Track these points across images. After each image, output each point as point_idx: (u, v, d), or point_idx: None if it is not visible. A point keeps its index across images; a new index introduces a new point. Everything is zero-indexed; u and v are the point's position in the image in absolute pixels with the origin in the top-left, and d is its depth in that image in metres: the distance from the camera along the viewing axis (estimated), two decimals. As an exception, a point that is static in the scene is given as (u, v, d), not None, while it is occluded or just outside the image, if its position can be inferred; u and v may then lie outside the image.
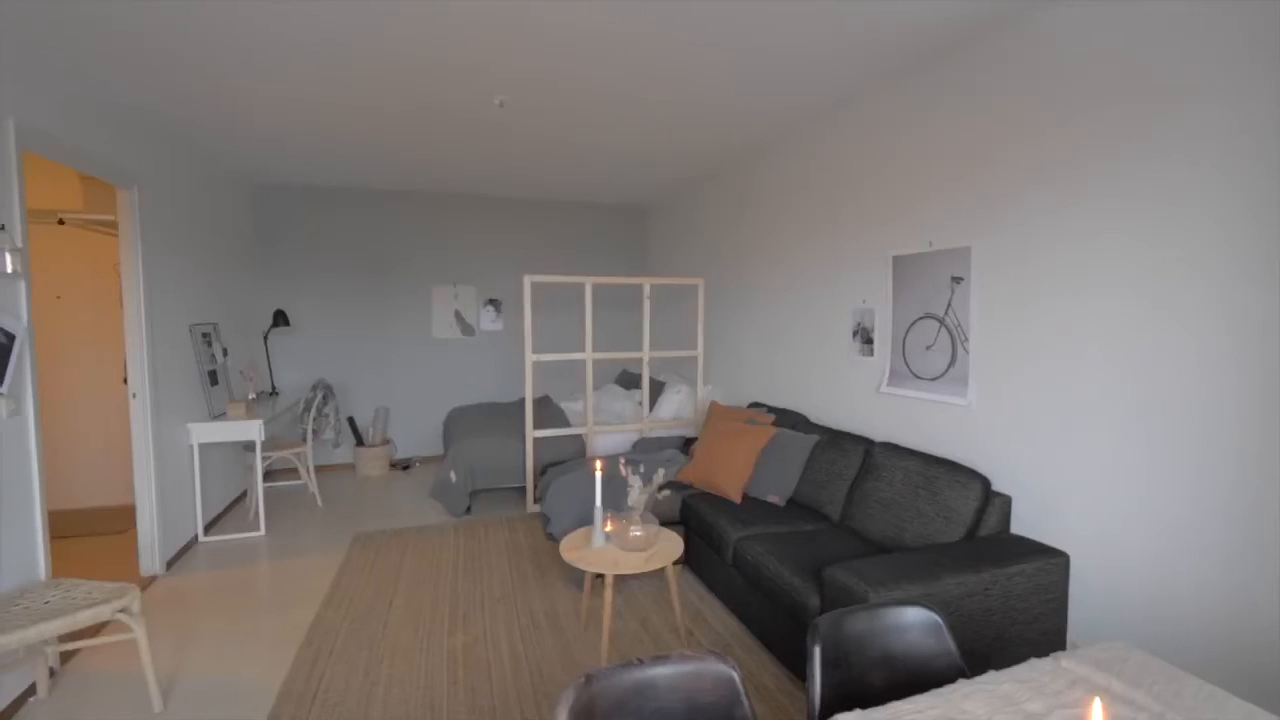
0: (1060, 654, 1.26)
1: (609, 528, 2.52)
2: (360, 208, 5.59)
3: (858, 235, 3.27)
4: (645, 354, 4.54)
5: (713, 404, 4.07)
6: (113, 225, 3.44)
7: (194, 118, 3.44)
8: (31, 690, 2.28)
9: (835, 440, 3.11)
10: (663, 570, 3.07)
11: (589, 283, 4.38)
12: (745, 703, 1.06)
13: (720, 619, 2.84)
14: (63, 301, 4.19)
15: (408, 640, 2.66)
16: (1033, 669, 1.20)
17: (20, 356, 2.25)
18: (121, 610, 2.11)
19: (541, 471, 4.03)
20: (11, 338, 2.20)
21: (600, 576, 2.95)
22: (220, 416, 3.97)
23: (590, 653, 2.55)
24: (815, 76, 2.92)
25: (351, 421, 5.47)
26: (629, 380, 6.07)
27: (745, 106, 3.33)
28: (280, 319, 5.01)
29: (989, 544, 2.22)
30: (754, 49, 2.62)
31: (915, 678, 1.25)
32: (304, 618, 2.87)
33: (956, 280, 2.67)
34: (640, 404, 5.21)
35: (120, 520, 4.02)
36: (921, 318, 2.87)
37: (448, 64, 2.76)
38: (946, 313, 2.72)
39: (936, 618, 1.27)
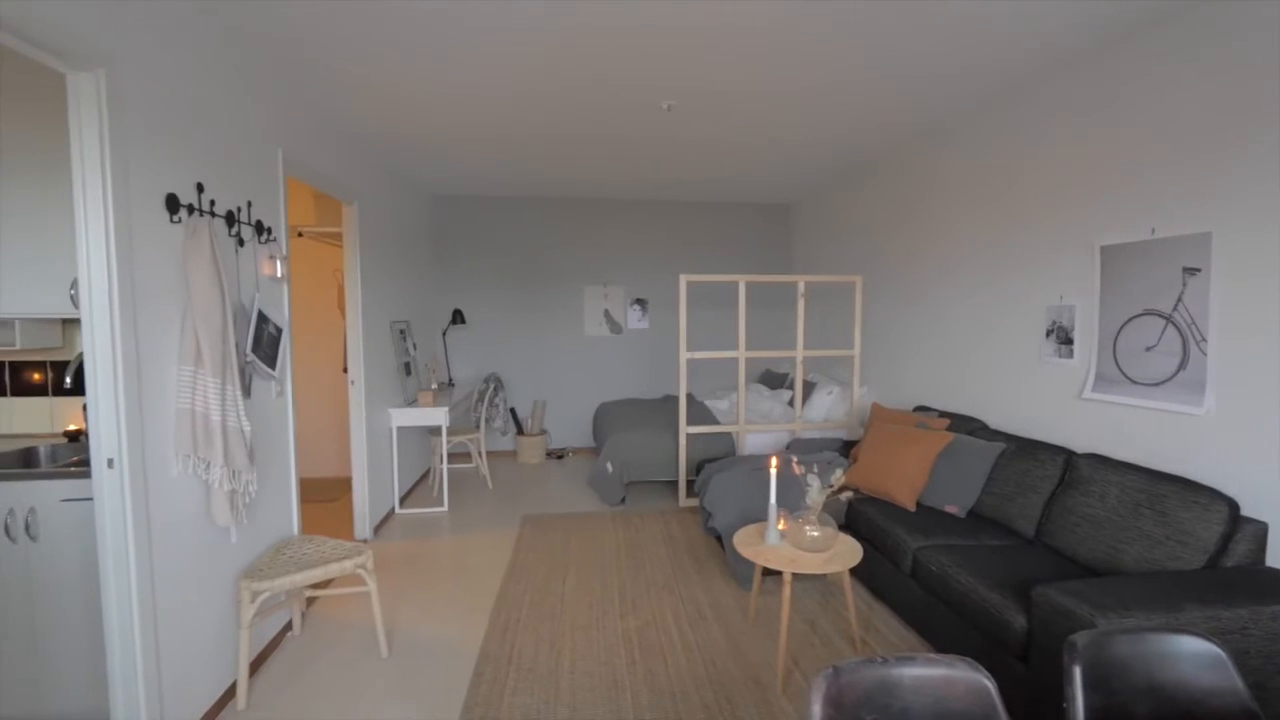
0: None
1: (782, 526, 2.51)
2: (522, 214, 6.02)
3: (1053, 225, 2.96)
4: (799, 353, 4.45)
5: (874, 406, 3.89)
6: (337, 236, 4.00)
7: (395, 141, 3.92)
8: (289, 627, 2.74)
9: (1026, 449, 2.85)
10: (830, 574, 3.02)
11: (742, 281, 4.38)
12: (1004, 717, 1.01)
13: (893, 628, 2.73)
14: (295, 300, 4.96)
15: (584, 618, 2.84)
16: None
17: (285, 347, 2.70)
18: (360, 566, 2.46)
19: (697, 468, 4.10)
20: (280, 330, 2.65)
21: (771, 574, 2.96)
22: (412, 404, 4.48)
23: (761, 648, 2.56)
24: (1004, 48, 2.70)
25: (513, 412, 5.92)
26: (772, 380, 5.98)
27: (914, 91, 3.15)
28: (458, 317, 5.55)
29: (1242, 576, 1.92)
30: (933, 26, 2.47)
31: (1187, 714, 1.12)
32: (490, 587, 3.16)
33: (1190, 271, 2.33)
34: (789, 404, 5.12)
35: (331, 490, 4.67)
36: (1139, 315, 2.54)
37: (621, 73, 2.90)
38: (1175, 308, 2.39)
39: (1219, 650, 1.13)
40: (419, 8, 2.28)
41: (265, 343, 2.50)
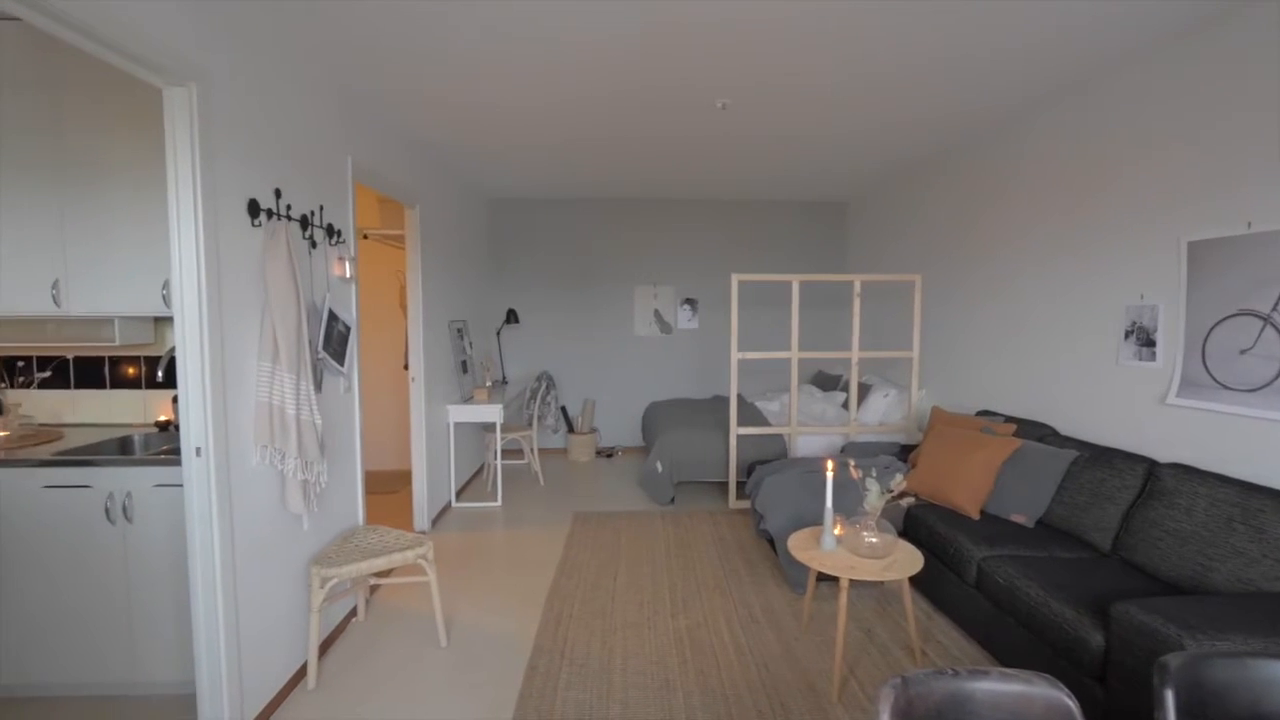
0: None
1: (838, 531, 2.45)
2: (574, 216, 6.09)
3: (1134, 219, 2.79)
4: (854, 354, 4.34)
5: (935, 409, 3.76)
6: (399, 238, 4.15)
7: (453, 145, 4.04)
8: (354, 612, 2.86)
9: (1101, 457, 2.70)
10: (887, 582, 2.94)
11: (796, 281, 4.31)
12: (1086, 736, 0.96)
13: (954, 640, 2.63)
14: (360, 299, 5.17)
15: (635, 616, 2.85)
16: None
17: (352, 345, 2.82)
18: (421, 557, 2.54)
19: (748, 470, 4.06)
20: (348, 328, 2.77)
21: (826, 579, 2.90)
22: (468, 400, 4.60)
23: (815, 655, 2.51)
24: (1083, 39, 2.56)
25: (564, 410, 6.00)
26: (825, 382, 5.86)
27: (983, 83, 3.02)
28: (512, 316, 5.67)
29: (1353, 600, 1.76)
30: (1009, 9, 2.37)
31: (1295, 748, 1.04)
32: (542, 582, 3.22)
33: (1293, 269, 2.15)
34: (843, 406, 5.00)
35: (392, 483, 4.85)
36: (1233, 315, 2.36)
37: (676, 73, 2.89)
38: (1275, 308, 2.21)
39: (1333, 680, 1.04)
40: (482, 23, 2.34)
41: (335, 340, 2.62)
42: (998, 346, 3.81)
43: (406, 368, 3.98)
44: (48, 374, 2.69)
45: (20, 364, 2.68)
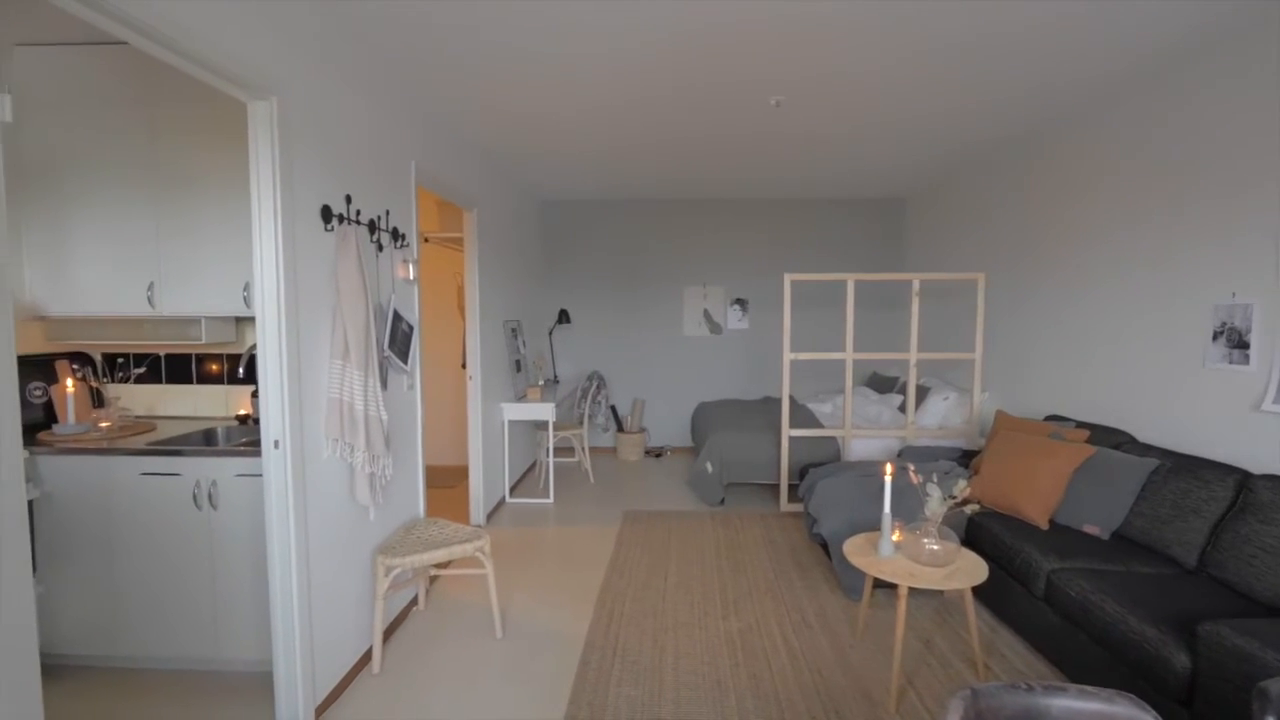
0: None
1: (897, 537, 2.39)
2: (624, 217, 6.14)
3: (1223, 211, 2.60)
4: (913, 355, 4.21)
5: (999, 414, 3.61)
6: (457, 241, 4.28)
7: (507, 150, 4.15)
8: (414, 602, 2.97)
9: (1186, 467, 2.53)
10: (946, 592, 2.84)
11: (851, 279, 4.21)
12: (1175, 761, 0.91)
13: (1020, 655, 2.52)
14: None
15: (686, 616, 2.85)
16: None
17: (415, 344, 2.92)
18: (479, 550, 2.62)
19: (800, 472, 3.99)
20: (411, 328, 2.87)
21: (881, 586, 2.83)
22: (521, 399, 4.70)
23: (873, 664, 2.45)
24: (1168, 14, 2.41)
25: (613, 409, 6.05)
26: (880, 383, 5.70)
27: (1053, 65, 2.88)
28: (563, 316, 5.76)
29: None
30: (1095, 2, 2.25)
31: None
32: (594, 579, 3.26)
33: None
34: (900, 409, 4.86)
35: (448, 477, 5.00)
36: (1341, 317, 2.18)
37: (730, 71, 2.88)
38: (1392, 310, 2.02)
39: None
40: (542, 27, 2.39)
41: (399, 339, 2.73)
42: (1068, 348, 3.62)
43: (464, 366, 4.09)
44: (143, 370, 2.91)
45: (120, 360, 2.90)
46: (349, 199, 2.40)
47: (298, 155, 2.08)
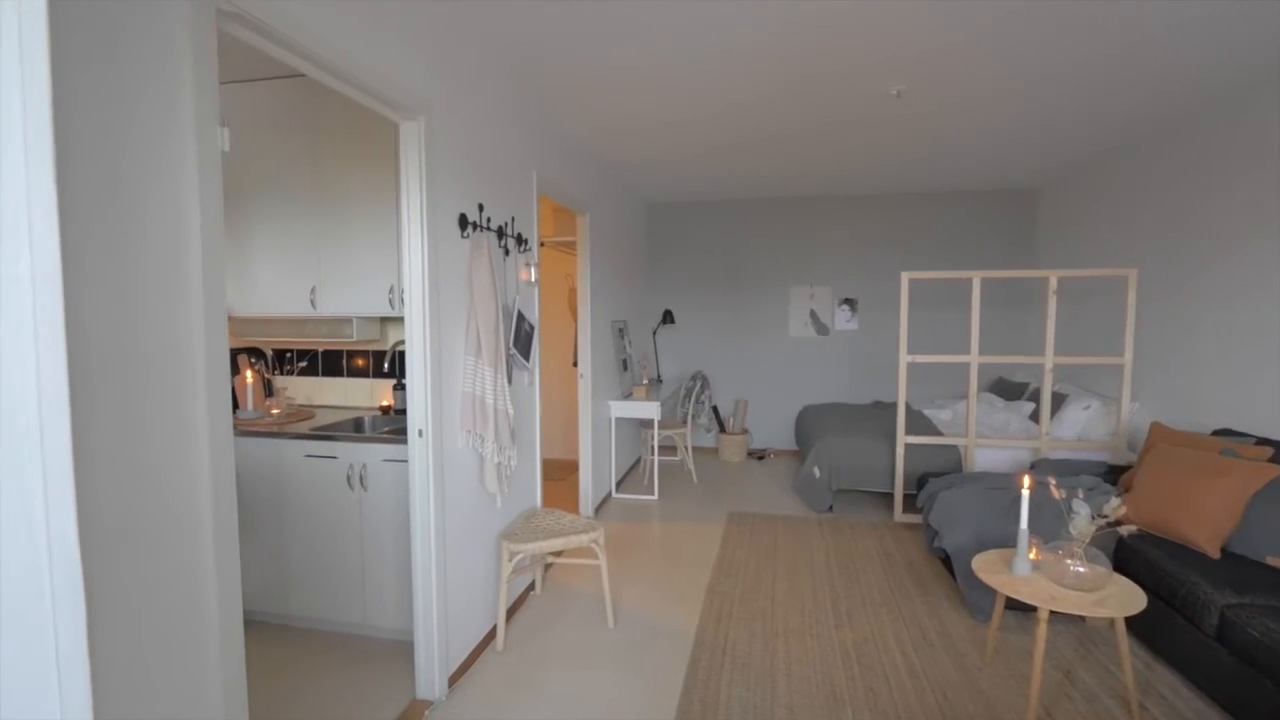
0: None
1: (1034, 556, 2.21)
2: (729, 217, 6.10)
3: None
4: (1048, 359, 3.87)
5: (1155, 426, 3.23)
6: (570, 244, 4.45)
7: (618, 156, 4.27)
8: (532, 587, 3.13)
9: None
10: (1089, 620, 2.60)
11: (977, 278, 3.94)
12: None
13: (1183, 698, 2.25)
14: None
15: (796, 622, 2.80)
16: None
17: (535, 343, 3.08)
18: (594, 541, 2.72)
19: (919, 482, 3.79)
20: (532, 328, 3.03)
21: (1015, 608, 2.63)
22: (628, 397, 4.81)
23: (1005, 691, 2.29)
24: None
25: (716, 410, 6.04)
26: (1007, 390, 5.27)
27: (1218, 45, 2.54)
28: (668, 317, 5.84)
29: None
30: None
31: None
32: (700, 577, 3.27)
33: None
34: (1031, 417, 4.48)
35: (559, 471, 5.21)
36: None
37: (847, 60, 2.78)
38: None
39: None
40: (660, 27, 2.45)
41: (522, 338, 2.89)
42: (1238, 354, 3.18)
43: (575, 364, 4.26)
44: (304, 364, 3.28)
45: (287, 355, 3.29)
46: (481, 207, 2.57)
47: (440, 169, 2.26)
